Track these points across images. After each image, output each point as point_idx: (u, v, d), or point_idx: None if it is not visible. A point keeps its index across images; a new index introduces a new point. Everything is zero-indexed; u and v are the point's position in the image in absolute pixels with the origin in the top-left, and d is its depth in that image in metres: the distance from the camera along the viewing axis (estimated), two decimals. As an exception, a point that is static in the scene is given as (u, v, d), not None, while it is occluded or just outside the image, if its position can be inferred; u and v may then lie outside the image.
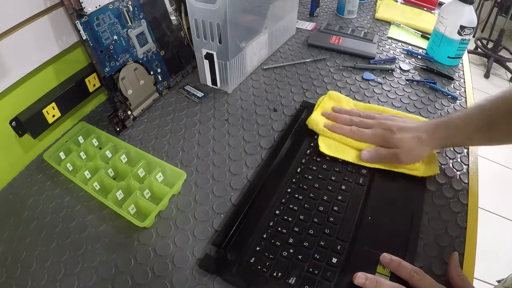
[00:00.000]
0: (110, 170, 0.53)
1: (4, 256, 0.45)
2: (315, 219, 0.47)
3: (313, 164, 0.54)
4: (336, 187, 0.51)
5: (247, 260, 0.42)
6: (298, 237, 0.45)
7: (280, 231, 0.45)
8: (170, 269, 0.44)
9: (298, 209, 0.48)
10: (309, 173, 0.53)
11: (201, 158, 0.57)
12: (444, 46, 0.78)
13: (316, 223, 0.46)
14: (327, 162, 0.55)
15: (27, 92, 0.54)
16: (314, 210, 0.48)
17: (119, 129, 0.61)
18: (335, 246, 0.44)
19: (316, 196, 0.50)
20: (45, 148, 0.59)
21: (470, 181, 0.54)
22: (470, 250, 0.46)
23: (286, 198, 0.49)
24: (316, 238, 0.45)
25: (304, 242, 0.44)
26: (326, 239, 0.44)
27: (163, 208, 0.50)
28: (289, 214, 0.47)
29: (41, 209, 0.51)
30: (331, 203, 0.49)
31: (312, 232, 0.45)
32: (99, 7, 0.54)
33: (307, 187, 0.51)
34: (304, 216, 0.47)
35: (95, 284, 0.42)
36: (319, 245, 0.44)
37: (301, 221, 0.47)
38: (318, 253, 0.43)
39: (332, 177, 0.52)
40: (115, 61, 0.58)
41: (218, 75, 0.68)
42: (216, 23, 0.59)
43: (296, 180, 0.52)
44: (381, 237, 0.46)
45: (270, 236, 0.45)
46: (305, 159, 0.55)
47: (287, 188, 0.51)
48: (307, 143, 0.58)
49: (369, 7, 1.07)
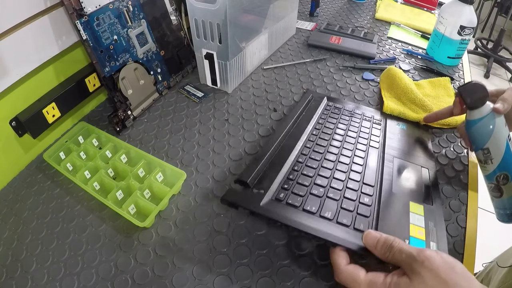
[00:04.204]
0: (110, 170, 0.53)
1: (4, 256, 0.45)
2: (338, 167, 0.48)
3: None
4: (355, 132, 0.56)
5: (277, 195, 0.41)
6: (325, 180, 0.45)
7: (306, 174, 0.46)
8: (170, 269, 0.44)
9: (321, 157, 0.49)
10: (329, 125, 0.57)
11: (201, 158, 0.57)
12: (444, 46, 0.78)
13: (339, 171, 0.47)
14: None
15: (27, 92, 0.54)
16: (336, 160, 0.49)
17: (119, 129, 0.61)
18: (364, 189, 0.45)
19: (338, 143, 0.53)
20: (45, 148, 0.59)
21: (470, 181, 0.54)
22: (470, 250, 0.46)
23: (307, 150, 0.50)
24: (342, 182, 0.45)
25: (332, 184, 0.44)
26: (353, 183, 0.45)
27: (163, 208, 0.50)
28: (312, 162, 0.48)
29: (41, 209, 0.51)
30: (352, 152, 0.51)
31: (339, 177, 0.46)
32: (99, 7, 0.54)
33: (327, 138, 0.54)
34: (328, 164, 0.48)
35: (95, 284, 0.42)
36: (347, 187, 0.44)
37: (325, 168, 0.47)
38: (348, 193, 0.44)
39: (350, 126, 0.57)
40: (115, 61, 0.58)
41: (218, 75, 0.68)
42: (216, 23, 0.59)
43: (317, 133, 0.55)
44: (405, 184, 0.47)
45: (297, 177, 0.45)
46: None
47: (309, 138, 0.53)
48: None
49: (369, 7, 1.07)
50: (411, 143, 0.57)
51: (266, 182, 0.43)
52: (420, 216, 0.42)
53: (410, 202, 0.44)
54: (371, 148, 0.53)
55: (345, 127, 0.57)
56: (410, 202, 0.44)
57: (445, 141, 0.61)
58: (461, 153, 0.59)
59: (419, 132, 0.60)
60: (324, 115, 0.60)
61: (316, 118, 0.59)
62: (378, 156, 0.52)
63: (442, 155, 0.58)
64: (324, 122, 0.58)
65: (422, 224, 0.41)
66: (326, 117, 0.59)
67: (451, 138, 0.61)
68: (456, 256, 0.45)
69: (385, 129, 0.59)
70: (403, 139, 0.57)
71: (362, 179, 0.47)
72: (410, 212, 0.42)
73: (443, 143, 0.60)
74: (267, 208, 0.39)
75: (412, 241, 0.39)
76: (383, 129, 0.59)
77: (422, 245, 0.39)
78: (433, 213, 0.43)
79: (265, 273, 0.43)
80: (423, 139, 0.59)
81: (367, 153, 0.52)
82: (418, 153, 0.55)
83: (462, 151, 0.59)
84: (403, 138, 0.57)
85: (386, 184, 0.47)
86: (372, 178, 0.47)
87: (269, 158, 0.47)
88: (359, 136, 0.55)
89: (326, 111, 0.61)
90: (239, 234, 0.47)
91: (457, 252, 0.45)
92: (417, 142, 0.58)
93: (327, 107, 0.62)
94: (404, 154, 0.54)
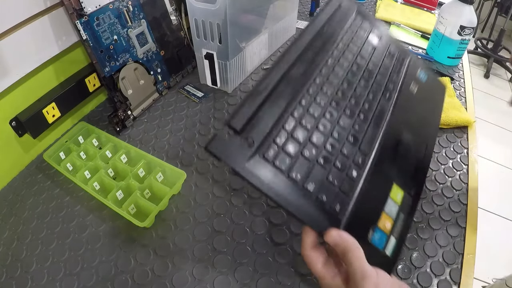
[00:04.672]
0: (110, 170, 0.53)
1: (4, 256, 0.45)
2: (340, 122, 0.41)
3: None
4: (363, 92, 0.45)
5: (265, 153, 0.36)
6: (322, 137, 0.39)
7: (304, 125, 0.39)
8: (170, 269, 0.44)
9: (324, 105, 0.41)
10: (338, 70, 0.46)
11: (201, 159, 0.57)
12: (444, 46, 0.78)
13: (340, 127, 0.41)
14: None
15: (27, 92, 0.54)
16: (340, 112, 0.42)
17: (119, 129, 0.61)
18: (357, 159, 0.39)
19: (343, 97, 0.43)
20: (45, 148, 0.59)
21: (470, 181, 0.54)
22: (470, 250, 0.46)
23: (314, 90, 0.42)
24: (339, 144, 0.39)
25: (327, 144, 0.39)
26: (349, 148, 0.40)
27: (163, 208, 0.50)
28: (315, 108, 0.41)
29: (41, 209, 0.51)
30: (358, 109, 0.43)
31: (337, 136, 0.40)
32: (99, 7, 0.54)
33: (335, 86, 0.44)
34: (330, 116, 0.41)
35: (95, 284, 0.42)
36: (341, 152, 0.39)
37: (326, 120, 0.40)
38: (340, 161, 0.38)
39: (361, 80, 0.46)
40: (115, 61, 0.58)
41: (218, 75, 0.68)
42: (216, 23, 0.59)
43: (325, 74, 0.44)
44: (398, 162, 0.43)
45: (293, 128, 0.38)
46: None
47: (316, 79, 0.43)
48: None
49: (369, 7, 1.07)
50: (425, 110, 0.49)
51: (258, 131, 0.36)
52: (396, 204, 0.39)
53: (394, 183, 0.40)
54: (383, 100, 0.45)
55: (364, 62, 0.47)
56: (394, 183, 0.40)
57: (445, 141, 0.61)
58: (461, 153, 0.59)
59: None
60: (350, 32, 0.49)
61: (339, 39, 0.48)
62: (385, 116, 0.44)
63: (442, 155, 0.58)
64: (345, 47, 0.47)
65: (394, 215, 0.39)
66: (349, 40, 0.48)
67: (451, 138, 0.61)
68: (456, 257, 0.45)
69: (402, 81, 0.49)
70: (418, 102, 0.49)
71: (360, 143, 0.40)
72: (388, 197, 0.39)
73: (443, 143, 0.60)
74: (251, 170, 0.34)
75: (376, 232, 0.37)
76: (401, 78, 0.49)
77: (384, 238, 0.37)
78: (409, 205, 0.40)
79: (265, 273, 0.43)
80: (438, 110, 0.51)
81: (375, 107, 0.44)
82: (427, 124, 0.48)
83: (462, 151, 0.59)
84: (418, 101, 0.49)
85: (381, 155, 0.41)
86: (370, 144, 0.41)
87: (269, 95, 0.39)
88: (375, 82, 0.46)
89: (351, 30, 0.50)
90: (239, 234, 0.47)
91: (457, 253, 0.45)
92: (431, 109, 0.50)
93: (354, 23, 0.50)
94: (414, 121, 0.47)
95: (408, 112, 0.48)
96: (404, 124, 0.46)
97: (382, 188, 0.40)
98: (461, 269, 0.44)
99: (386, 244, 0.37)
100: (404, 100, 0.48)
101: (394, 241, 0.37)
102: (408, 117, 0.47)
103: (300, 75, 0.42)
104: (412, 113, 0.48)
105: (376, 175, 0.40)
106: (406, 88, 0.49)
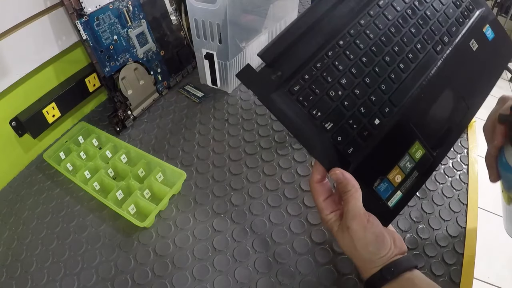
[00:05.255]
0: (110, 170, 0.53)
1: (4, 256, 0.45)
2: (376, 68, 0.40)
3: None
4: (411, 41, 0.42)
5: (290, 87, 0.36)
6: (352, 80, 0.38)
7: (337, 66, 0.38)
8: (170, 269, 0.44)
9: (364, 48, 0.40)
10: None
11: (201, 158, 0.57)
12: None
13: (375, 73, 0.39)
14: None
15: (27, 92, 0.54)
16: (379, 58, 0.40)
17: (119, 129, 0.61)
18: (384, 108, 0.39)
19: (387, 42, 0.41)
20: (45, 148, 0.59)
21: (470, 181, 0.54)
22: (470, 250, 0.46)
23: (356, 31, 0.40)
24: (369, 89, 0.39)
25: (356, 89, 0.38)
26: (378, 95, 0.39)
27: (163, 208, 0.50)
28: (352, 51, 0.39)
29: (41, 209, 0.51)
30: (399, 58, 0.41)
31: (368, 81, 0.39)
32: (99, 7, 0.54)
33: (380, 30, 0.42)
34: (367, 60, 0.40)
35: (95, 284, 0.42)
36: (369, 98, 0.38)
37: (362, 63, 0.39)
38: (364, 106, 0.38)
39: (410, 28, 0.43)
40: (115, 61, 0.58)
41: (218, 75, 0.68)
42: (216, 23, 0.59)
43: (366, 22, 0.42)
44: (428, 120, 0.41)
45: (323, 68, 0.38)
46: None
47: (361, 20, 0.41)
48: None
49: None
50: (479, 72, 0.45)
51: (288, 66, 0.37)
52: (413, 161, 0.38)
53: (417, 141, 0.39)
54: (432, 53, 0.42)
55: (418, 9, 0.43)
56: (417, 141, 0.39)
57: (445, 141, 0.61)
58: (461, 153, 0.59)
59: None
60: None
61: None
62: (429, 69, 0.42)
63: (442, 155, 0.58)
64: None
65: (407, 171, 0.38)
66: None
67: (451, 138, 0.61)
68: (456, 256, 0.45)
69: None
70: (474, 61, 0.45)
71: (392, 93, 0.39)
72: (406, 153, 0.39)
73: (443, 143, 0.60)
74: (274, 101, 0.35)
75: (383, 182, 0.37)
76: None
77: (390, 190, 0.37)
78: (426, 165, 0.39)
79: (265, 273, 0.43)
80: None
81: (421, 58, 0.42)
82: (476, 88, 0.44)
83: (462, 151, 0.59)
84: (474, 60, 0.45)
85: (410, 109, 0.39)
86: (402, 96, 0.39)
87: (305, 32, 0.38)
88: (414, 46, 0.42)
89: None
90: (239, 234, 0.47)
91: (457, 252, 0.45)
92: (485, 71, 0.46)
93: None
94: (462, 80, 0.43)
95: (459, 70, 0.44)
96: (449, 81, 0.43)
97: (402, 142, 0.39)
98: (461, 269, 0.44)
99: (391, 196, 0.37)
100: (458, 55, 0.44)
101: (400, 196, 0.38)
102: (457, 75, 0.43)
103: (345, 13, 0.41)
104: (463, 72, 0.44)
105: (399, 128, 0.39)
106: (465, 44, 0.45)
